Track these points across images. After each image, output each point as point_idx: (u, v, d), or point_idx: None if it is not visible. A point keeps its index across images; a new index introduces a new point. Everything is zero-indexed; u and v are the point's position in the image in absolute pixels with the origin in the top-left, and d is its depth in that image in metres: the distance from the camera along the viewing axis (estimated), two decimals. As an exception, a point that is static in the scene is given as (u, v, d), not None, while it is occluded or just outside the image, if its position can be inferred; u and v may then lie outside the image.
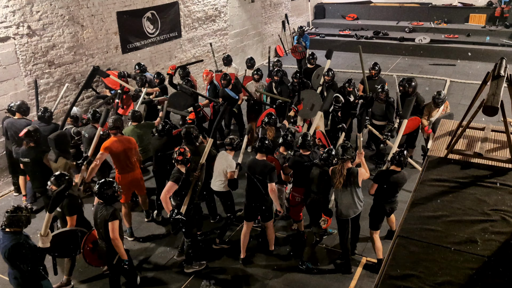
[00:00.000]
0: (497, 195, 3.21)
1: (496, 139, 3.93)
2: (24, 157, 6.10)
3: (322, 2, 19.72)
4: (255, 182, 5.36)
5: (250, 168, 5.40)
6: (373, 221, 5.50)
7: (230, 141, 5.70)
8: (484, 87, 3.69)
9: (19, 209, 4.20)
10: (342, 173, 5.13)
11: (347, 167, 5.15)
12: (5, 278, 5.57)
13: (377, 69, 8.44)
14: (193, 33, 11.94)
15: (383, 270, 2.65)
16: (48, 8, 7.85)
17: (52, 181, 4.80)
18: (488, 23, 16.44)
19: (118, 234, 4.50)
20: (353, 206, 5.26)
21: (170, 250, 6.04)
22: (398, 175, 5.23)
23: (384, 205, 5.35)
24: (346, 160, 5.13)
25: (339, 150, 5.16)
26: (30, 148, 6.02)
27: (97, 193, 4.59)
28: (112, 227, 4.45)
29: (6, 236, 4.11)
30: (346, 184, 5.16)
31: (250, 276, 5.53)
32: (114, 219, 4.47)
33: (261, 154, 5.40)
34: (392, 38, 16.37)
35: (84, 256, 4.85)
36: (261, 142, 5.40)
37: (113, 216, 4.47)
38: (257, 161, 5.38)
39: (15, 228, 4.12)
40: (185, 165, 5.27)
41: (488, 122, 4.34)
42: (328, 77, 8.52)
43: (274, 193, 5.32)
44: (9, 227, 4.11)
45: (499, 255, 2.64)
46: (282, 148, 5.89)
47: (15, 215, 4.11)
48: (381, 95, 7.47)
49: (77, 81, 8.67)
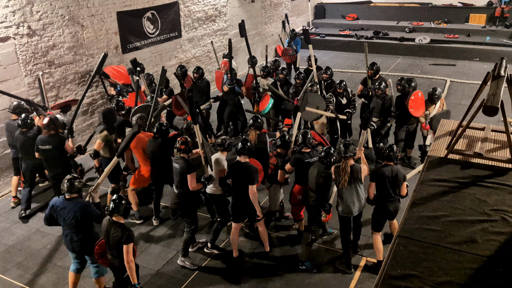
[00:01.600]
0: (497, 195, 3.20)
1: (496, 139, 3.93)
2: (44, 145, 6.16)
3: (322, 2, 19.72)
4: (240, 185, 5.39)
5: (233, 170, 5.44)
6: (375, 221, 5.48)
7: (222, 142, 5.67)
8: (484, 87, 3.69)
9: (75, 178, 4.80)
10: (346, 171, 5.15)
11: (350, 164, 5.17)
12: (5, 278, 5.58)
13: (374, 69, 8.38)
14: (193, 33, 11.94)
15: (383, 270, 2.65)
16: (48, 8, 7.85)
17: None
18: (488, 23, 16.44)
19: (132, 257, 4.44)
20: (357, 203, 5.28)
21: (170, 249, 6.06)
22: (393, 168, 5.23)
23: (387, 204, 5.32)
24: (349, 157, 5.16)
25: (341, 148, 5.17)
26: (51, 136, 6.16)
27: (113, 209, 4.41)
28: (127, 250, 4.36)
29: (69, 202, 4.72)
30: (350, 181, 5.19)
31: (250, 276, 5.53)
32: (130, 241, 4.36)
33: (243, 156, 5.40)
34: (392, 38, 16.37)
35: (95, 253, 4.70)
36: (243, 144, 5.38)
37: (129, 239, 4.36)
38: (239, 164, 5.40)
39: (76, 194, 4.76)
40: (187, 154, 5.46)
41: (488, 122, 4.34)
42: (326, 75, 8.50)
43: (254, 196, 5.33)
44: (71, 193, 4.73)
45: (499, 255, 2.64)
46: (280, 148, 5.86)
47: (73, 183, 4.73)
48: (377, 91, 7.59)
49: (77, 81, 8.67)
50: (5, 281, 5.54)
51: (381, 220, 5.45)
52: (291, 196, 5.86)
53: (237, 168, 5.43)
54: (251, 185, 5.28)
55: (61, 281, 5.49)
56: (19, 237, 6.39)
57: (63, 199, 4.77)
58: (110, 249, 4.55)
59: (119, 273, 4.64)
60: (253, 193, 5.31)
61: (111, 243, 4.45)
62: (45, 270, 5.71)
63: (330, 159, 5.27)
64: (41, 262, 5.87)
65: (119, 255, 4.45)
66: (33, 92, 7.74)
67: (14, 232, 6.52)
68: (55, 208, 4.79)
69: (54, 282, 5.51)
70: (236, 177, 5.45)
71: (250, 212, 5.53)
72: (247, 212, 5.56)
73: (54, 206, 4.80)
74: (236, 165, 5.44)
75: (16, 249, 6.13)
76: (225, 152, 5.69)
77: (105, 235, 4.54)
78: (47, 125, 6.16)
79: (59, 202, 4.79)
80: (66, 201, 4.75)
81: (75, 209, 4.69)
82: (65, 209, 4.72)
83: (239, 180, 5.42)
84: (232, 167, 5.49)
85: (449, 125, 4.37)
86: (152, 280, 5.51)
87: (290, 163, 5.68)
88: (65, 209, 4.72)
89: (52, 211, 4.81)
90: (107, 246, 4.58)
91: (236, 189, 5.52)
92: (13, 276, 5.61)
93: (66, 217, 4.72)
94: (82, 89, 8.76)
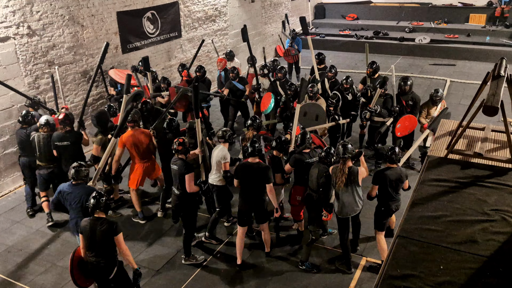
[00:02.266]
0: (497, 195, 3.20)
1: (496, 139, 3.93)
2: (62, 141, 6.24)
3: (322, 2, 19.72)
4: (250, 186, 5.35)
5: (244, 172, 5.35)
6: (379, 221, 5.46)
7: (223, 134, 5.74)
8: (484, 87, 3.69)
9: (81, 165, 5.02)
10: (344, 172, 5.13)
11: (348, 166, 5.16)
12: (5, 278, 5.58)
13: (373, 67, 8.41)
14: (193, 33, 11.94)
15: (383, 270, 2.65)
16: (48, 8, 7.85)
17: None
18: (488, 23, 16.44)
19: (125, 245, 4.48)
20: (354, 204, 5.27)
21: (170, 249, 6.05)
22: (396, 170, 5.23)
23: (389, 204, 5.32)
24: (347, 158, 5.14)
25: (340, 149, 5.16)
26: (68, 132, 6.27)
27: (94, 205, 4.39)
28: (119, 240, 4.39)
29: (75, 187, 4.94)
30: (347, 183, 5.16)
31: (250, 276, 5.53)
32: (119, 231, 4.40)
33: (253, 158, 5.35)
34: (392, 38, 16.37)
35: (75, 280, 4.56)
36: (253, 146, 5.33)
37: (118, 229, 4.39)
38: (250, 164, 5.33)
39: (81, 181, 4.97)
40: (185, 155, 5.45)
41: (488, 122, 4.34)
42: (331, 74, 8.51)
43: (272, 192, 5.31)
44: (76, 180, 4.94)
45: (499, 255, 2.64)
46: (276, 151, 5.81)
47: (78, 170, 4.95)
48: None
49: (77, 81, 8.67)
50: (5, 281, 5.54)
51: (384, 219, 5.44)
52: (291, 196, 5.85)
53: (247, 169, 5.33)
54: (268, 183, 5.25)
55: (61, 281, 5.49)
56: (19, 237, 6.39)
57: (70, 185, 4.99)
58: (95, 248, 4.41)
59: (105, 274, 4.53)
60: (271, 190, 5.28)
61: (97, 240, 4.38)
62: (45, 270, 5.71)
63: (331, 158, 5.28)
64: (41, 262, 5.87)
65: (105, 252, 4.42)
66: (33, 92, 7.73)
67: (14, 232, 6.52)
68: (62, 193, 4.99)
69: (54, 282, 5.51)
70: (246, 178, 5.35)
71: (258, 213, 5.50)
72: (255, 213, 5.53)
73: (61, 191, 5.00)
74: (246, 166, 5.35)
75: (16, 249, 6.13)
76: (226, 143, 5.71)
77: (88, 235, 4.40)
78: (63, 120, 6.26)
79: (66, 187, 4.99)
80: (73, 186, 4.97)
81: (81, 194, 4.90)
82: (72, 194, 4.94)
83: (249, 181, 5.33)
84: (241, 169, 5.40)
85: (449, 125, 4.37)
86: (152, 280, 5.51)
87: (290, 164, 5.67)
88: (72, 194, 4.94)
89: (60, 196, 5.00)
90: (91, 246, 4.43)
91: (244, 190, 5.44)
92: (13, 276, 5.61)
93: (73, 202, 4.93)
94: (82, 89, 8.79)
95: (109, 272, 4.52)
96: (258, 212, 5.51)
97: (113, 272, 4.52)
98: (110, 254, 4.47)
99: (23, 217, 6.87)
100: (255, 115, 7.91)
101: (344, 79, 8.04)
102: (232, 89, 8.82)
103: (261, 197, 5.41)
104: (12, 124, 7.53)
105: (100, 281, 4.64)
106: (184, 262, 5.73)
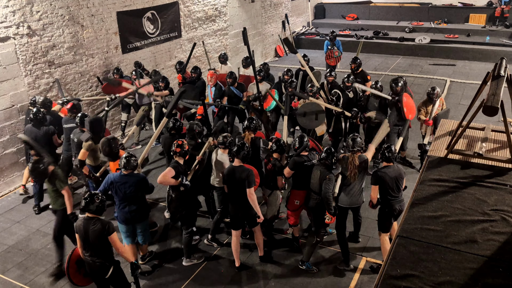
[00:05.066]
0: (497, 195, 3.20)
1: (496, 139, 3.93)
2: (67, 123, 6.95)
3: (322, 2, 19.72)
4: (235, 190, 5.30)
5: (229, 176, 5.30)
6: (382, 222, 5.42)
7: (223, 140, 5.67)
8: (484, 87, 3.69)
9: (131, 155, 5.20)
10: (354, 165, 5.22)
11: (357, 156, 5.28)
12: (5, 278, 5.58)
13: (357, 63, 8.72)
14: (193, 33, 11.93)
15: (383, 270, 2.65)
16: (48, 8, 7.85)
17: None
18: (488, 23, 16.46)
19: (121, 243, 4.50)
20: (358, 194, 5.40)
21: (170, 249, 6.06)
22: (394, 168, 5.23)
23: (392, 203, 5.27)
24: (357, 151, 5.27)
25: (349, 142, 5.32)
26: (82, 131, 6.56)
27: (84, 207, 4.40)
28: (114, 240, 4.40)
29: (127, 177, 5.12)
30: (359, 173, 5.29)
31: (250, 276, 5.53)
32: (113, 231, 4.39)
33: (238, 160, 5.29)
34: (392, 38, 16.37)
35: (70, 278, 4.63)
36: (239, 148, 5.29)
37: (111, 229, 4.38)
38: (234, 168, 5.28)
39: (131, 170, 5.14)
40: (183, 157, 5.44)
41: (488, 122, 4.34)
42: (332, 78, 8.47)
43: (252, 197, 5.20)
44: (126, 169, 5.12)
45: (499, 255, 2.64)
46: (276, 154, 5.75)
47: (129, 160, 5.12)
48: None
49: (77, 81, 8.67)
50: (5, 281, 5.54)
51: (388, 220, 5.37)
52: (289, 201, 5.76)
53: (232, 173, 5.28)
54: (249, 187, 5.16)
55: (61, 281, 5.49)
56: (19, 237, 6.39)
57: (121, 175, 5.13)
58: (90, 248, 4.43)
59: (101, 274, 4.54)
60: (251, 195, 5.18)
61: (91, 240, 4.38)
62: (45, 270, 5.70)
63: (332, 159, 5.26)
64: (41, 262, 5.87)
65: (100, 252, 4.43)
66: (33, 92, 7.74)
67: (14, 232, 6.53)
68: (114, 184, 5.13)
69: (54, 282, 5.51)
70: (232, 183, 5.29)
71: (249, 217, 5.42)
72: (246, 217, 5.46)
73: (113, 182, 5.14)
74: (231, 170, 5.30)
75: (16, 249, 6.13)
76: (226, 150, 5.68)
77: (82, 235, 4.41)
78: (70, 109, 6.89)
79: (118, 178, 5.13)
80: (125, 176, 5.13)
81: (135, 182, 5.12)
82: (126, 184, 5.10)
83: (235, 185, 5.27)
84: (226, 174, 5.35)
85: (449, 125, 4.37)
86: (152, 280, 5.51)
87: (290, 167, 5.57)
88: (126, 183, 5.10)
89: (111, 187, 5.16)
90: (85, 246, 4.45)
91: (232, 195, 5.39)
92: (13, 276, 5.61)
93: (128, 190, 5.11)
94: (82, 89, 8.78)
95: (105, 271, 4.53)
96: (248, 216, 5.42)
97: (109, 271, 4.53)
98: (105, 253, 4.47)
99: (23, 217, 6.87)
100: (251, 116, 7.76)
101: (346, 77, 8.04)
102: (229, 95, 8.43)
103: (248, 201, 5.30)
104: (12, 124, 7.53)
105: (97, 280, 4.67)
106: (184, 263, 5.72)
